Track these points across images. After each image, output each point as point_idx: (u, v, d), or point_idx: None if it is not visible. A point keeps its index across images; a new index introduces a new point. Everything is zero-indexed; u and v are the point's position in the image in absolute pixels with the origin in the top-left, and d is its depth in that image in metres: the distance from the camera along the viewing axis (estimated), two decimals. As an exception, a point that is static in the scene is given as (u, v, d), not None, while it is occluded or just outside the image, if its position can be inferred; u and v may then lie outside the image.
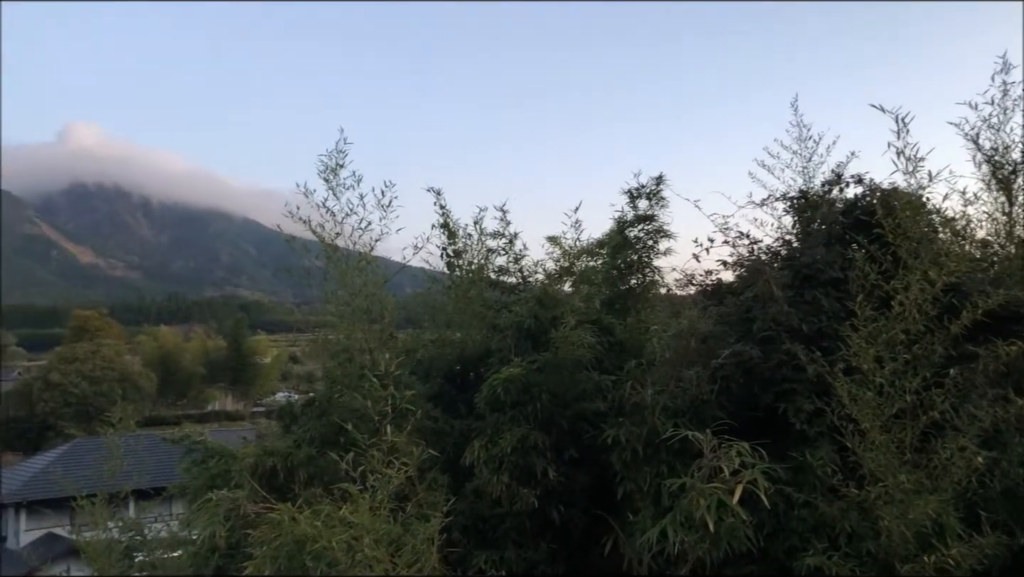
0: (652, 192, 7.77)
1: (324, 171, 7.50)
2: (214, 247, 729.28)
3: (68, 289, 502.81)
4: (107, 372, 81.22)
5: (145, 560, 8.96)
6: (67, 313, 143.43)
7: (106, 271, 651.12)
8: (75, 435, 61.42)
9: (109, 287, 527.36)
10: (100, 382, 79.42)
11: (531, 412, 6.36)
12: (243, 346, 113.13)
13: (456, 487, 6.45)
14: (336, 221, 7.59)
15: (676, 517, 5.22)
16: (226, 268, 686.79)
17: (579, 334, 6.43)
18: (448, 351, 8.10)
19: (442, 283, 8.88)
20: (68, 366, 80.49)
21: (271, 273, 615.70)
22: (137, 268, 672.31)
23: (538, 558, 6.23)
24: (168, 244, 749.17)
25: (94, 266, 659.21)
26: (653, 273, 7.95)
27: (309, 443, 7.61)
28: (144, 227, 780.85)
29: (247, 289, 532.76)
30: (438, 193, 8.58)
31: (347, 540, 5.10)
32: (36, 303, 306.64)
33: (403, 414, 6.41)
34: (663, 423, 5.83)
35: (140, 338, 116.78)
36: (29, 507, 35.44)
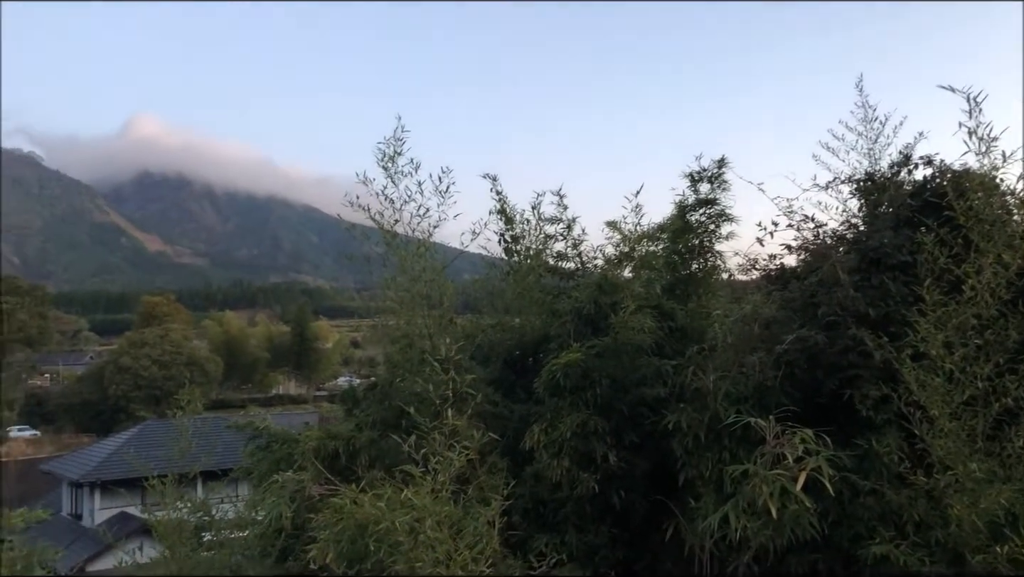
0: (714, 175, 7.65)
1: (382, 159, 7.55)
2: (277, 234, 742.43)
3: (137, 276, 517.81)
4: (175, 356, 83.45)
5: (213, 539, 9.18)
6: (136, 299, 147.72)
7: (173, 258, 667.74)
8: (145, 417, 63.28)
9: (176, 274, 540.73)
10: (169, 366, 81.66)
11: (591, 397, 6.35)
12: (306, 331, 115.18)
13: (516, 471, 6.48)
14: (395, 208, 7.65)
15: (738, 503, 5.18)
16: (289, 255, 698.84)
17: (639, 319, 6.40)
18: (507, 336, 8.13)
19: (500, 269, 8.90)
20: (138, 350, 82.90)
21: (332, 260, 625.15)
22: (203, 255, 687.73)
23: (599, 542, 6.24)
24: (233, 232, 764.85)
25: (162, 253, 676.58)
26: (715, 258, 7.85)
27: (371, 426, 7.73)
28: (210, 215, 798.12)
29: (309, 276, 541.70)
30: (495, 179, 8.60)
31: (409, 522, 5.16)
32: (107, 289, 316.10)
33: (463, 398, 6.46)
34: (725, 409, 5.78)
35: (206, 323, 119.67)
36: (103, 487, 36.66)
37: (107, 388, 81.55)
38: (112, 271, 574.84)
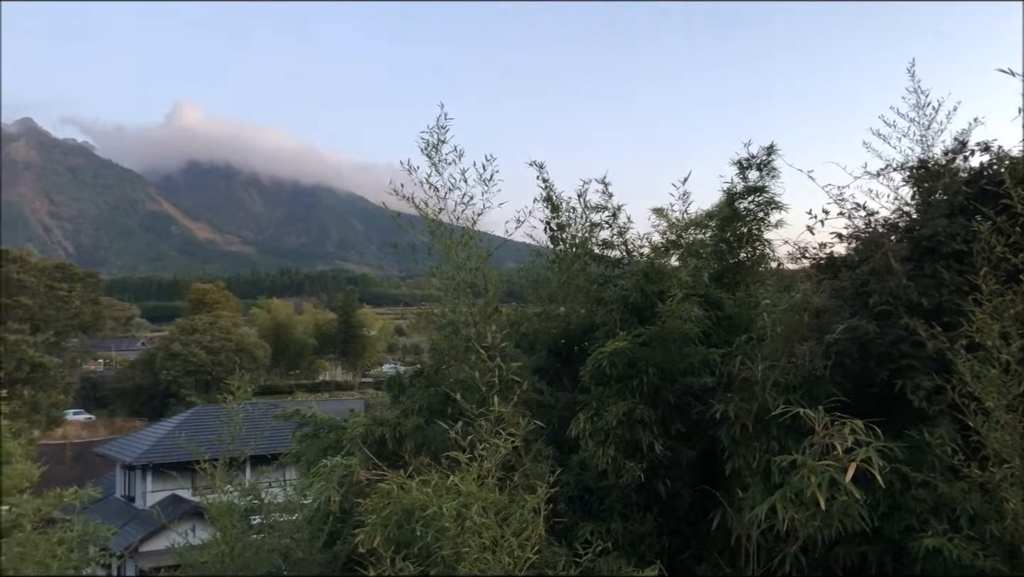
0: (763, 163, 7.56)
1: (426, 147, 7.57)
2: (324, 222, 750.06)
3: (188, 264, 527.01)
4: (224, 343, 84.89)
5: (263, 522, 9.35)
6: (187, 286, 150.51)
7: (223, 246, 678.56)
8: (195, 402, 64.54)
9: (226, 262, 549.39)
10: (218, 352, 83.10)
11: (637, 386, 6.32)
12: (352, 319, 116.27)
13: (561, 459, 6.49)
14: (439, 196, 7.67)
15: (786, 494, 5.12)
16: (335, 243, 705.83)
17: (686, 308, 6.35)
18: (552, 325, 8.12)
19: (546, 257, 8.88)
20: (188, 337, 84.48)
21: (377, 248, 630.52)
22: (252, 243, 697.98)
23: (644, 531, 6.23)
24: (281, 220, 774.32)
25: (211, 241, 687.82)
26: (764, 246, 7.75)
27: (417, 413, 7.79)
28: (258, 204, 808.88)
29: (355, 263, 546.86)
30: (540, 167, 8.57)
31: (456, 508, 5.20)
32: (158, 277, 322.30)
33: (509, 386, 6.47)
34: (774, 399, 5.72)
35: (255, 311, 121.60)
36: (154, 470, 37.45)
37: (158, 373, 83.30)
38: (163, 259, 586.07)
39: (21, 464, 10.76)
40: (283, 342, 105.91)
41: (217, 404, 45.50)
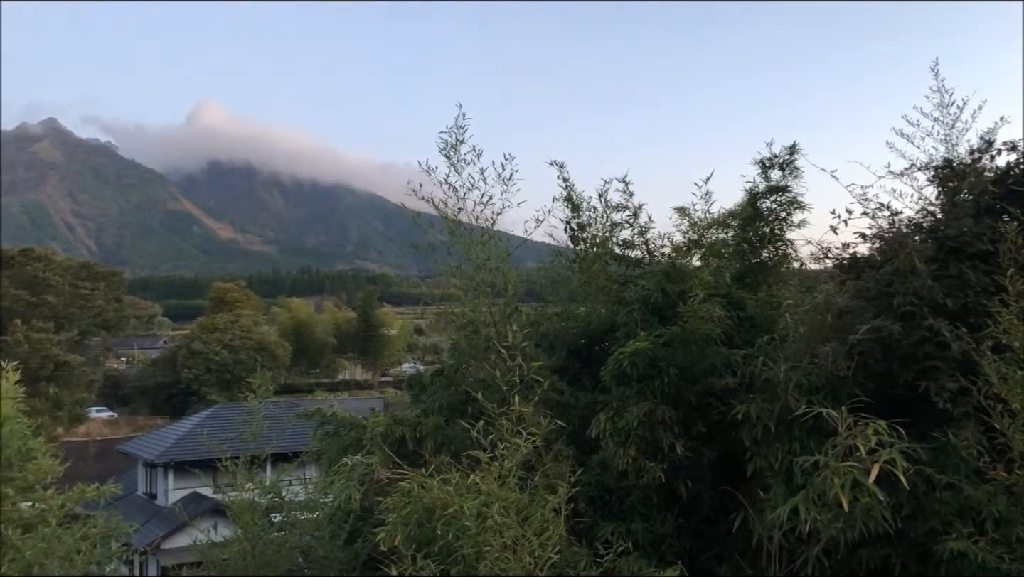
0: (785, 162, 7.50)
1: (445, 147, 7.58)
2: (344, 222, 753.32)
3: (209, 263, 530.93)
4: (245, 341, 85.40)
5: (283, 520, 9.39)
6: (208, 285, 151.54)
7: (244, 245, 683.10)
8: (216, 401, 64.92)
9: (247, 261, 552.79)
10: (239, 351, 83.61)
11: (658, 386, 6.30)
12: (371, 318, 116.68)
13: (582, 459, 6.48)
14: (458, 196, 7.67)
15: (808, 495, 5.09)
16: (355, 243, 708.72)
17: (708, 308, 6.32)
18: (572, 325, 8.11)
19: (566, 257, 8.87)
20: (209, 335, 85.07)
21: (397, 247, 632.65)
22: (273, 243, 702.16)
23: (665, 531, 6.21)
24: (302, 220, 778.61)
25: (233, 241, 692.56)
26: (786, 246, 7.70)
27: (437, 412, 7.81)
28: (279, 203, 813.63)
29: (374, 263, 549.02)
30: (561, 166, 8.55)
31: (477, 507, 5.21)
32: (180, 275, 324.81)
33: (530, 385, 6.47)
34: (796, 399, 5.69)
35: (275, 310, 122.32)
36: (176, 467, 37.70)
37: (180, 372, 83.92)
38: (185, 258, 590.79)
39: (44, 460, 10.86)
40: (303, 341, 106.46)
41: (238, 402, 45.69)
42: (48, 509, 10.23)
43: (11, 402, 10.22)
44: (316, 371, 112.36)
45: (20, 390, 10.55)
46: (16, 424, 10.37)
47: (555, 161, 8.50)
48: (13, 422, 10.27)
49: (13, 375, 10.56)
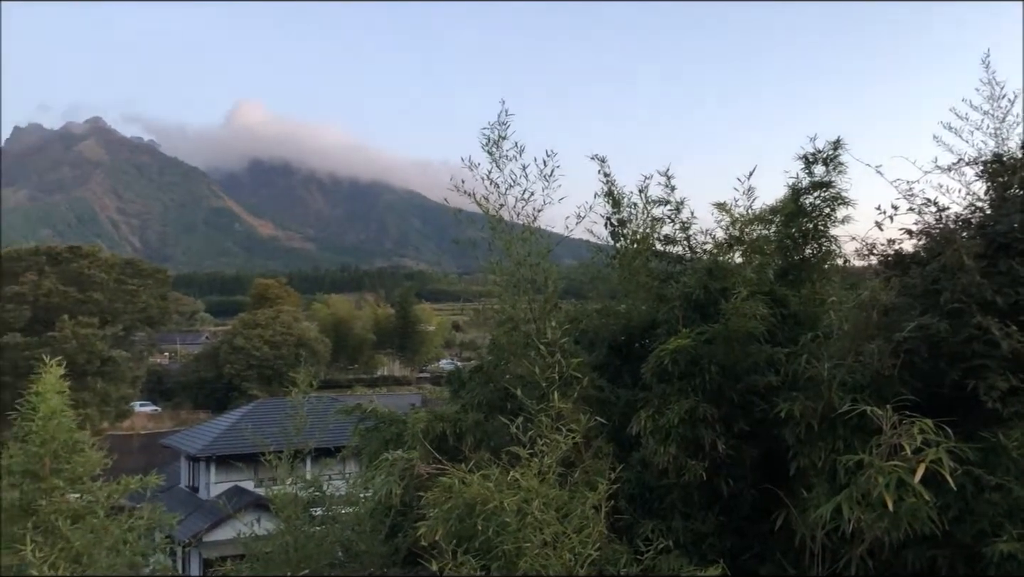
0: (829, 157, 7.40)
1: (487, 143, 7.59)
2: (383, 219, 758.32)
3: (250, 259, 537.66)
4: (286, 337, 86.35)
5: (325, 514, 9.49)
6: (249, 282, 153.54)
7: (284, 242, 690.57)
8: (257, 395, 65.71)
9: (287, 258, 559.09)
10: (279, 346, 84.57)
11: (699, 384, 6.26)
12: (409, 314, 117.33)
13: (622, 456, 6.46)
14: (499, 192, 7.69)
15: (852, 494, 5.04)
16: (394, 240, 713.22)
17: (751, 305, 6.26)
18: (613, 321, 8.08)
19: (606, 253, 8.84)
20: (251, 331, 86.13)
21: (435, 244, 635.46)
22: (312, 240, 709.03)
23: (706, 530, 6.17)
24: (341, 217, 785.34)
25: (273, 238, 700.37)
26: (830, 242, 7.59)
27: (476, 408, 7.83)
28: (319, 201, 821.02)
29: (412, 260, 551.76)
30: (602, 161, 8.51)
31: (517, 503, 5.22)
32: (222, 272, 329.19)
33: (569, 382, 6.47)
34: (840, 398, 5.62)
35: (315, 306, 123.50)
36: (218, 461, 38.24)
37: (222, 367, 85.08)
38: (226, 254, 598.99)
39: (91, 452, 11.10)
40: (343, 337, 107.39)
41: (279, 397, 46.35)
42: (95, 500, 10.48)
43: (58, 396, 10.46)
44: (355, 367, 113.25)
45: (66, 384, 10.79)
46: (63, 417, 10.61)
47: (596, 155, 8.47)
48: (61, 415, 10.51)
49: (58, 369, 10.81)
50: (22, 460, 10.76)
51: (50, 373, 10.92)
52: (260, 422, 31.91)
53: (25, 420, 10.89)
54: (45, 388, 10.78)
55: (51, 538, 9.63)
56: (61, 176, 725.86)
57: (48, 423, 10.62)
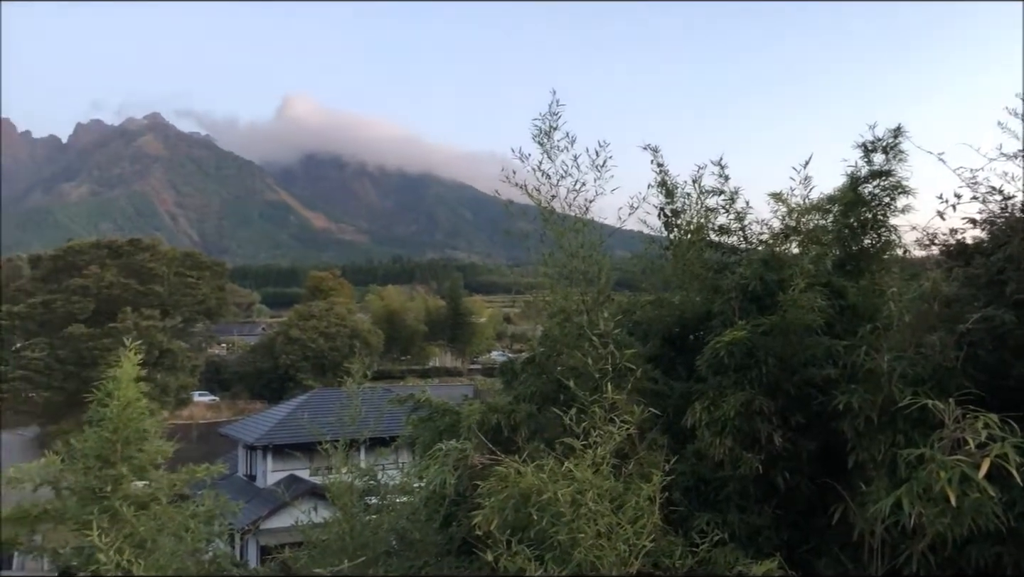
0: (889, 145, 7.25)
1: (538, 134, 7.58)
2: (434, 212, 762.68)
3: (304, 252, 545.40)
4: (340, 328, 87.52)
5: (380, 503, 9.62)
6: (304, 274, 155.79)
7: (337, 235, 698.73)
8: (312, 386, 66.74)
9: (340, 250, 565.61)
10: (334, 338, 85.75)
11: (755, 376, 6.19)
12: (460, 306, 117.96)
13: (677, 448, 6.42)
14: (551, 184, 7.68)
15: (913, 489, 4.94)
16: (445, 231, 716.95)
17: (809, 297, 6.16)
18: (667, 313, 8.03)
19: (659, 244, 8.77)
20: (306, 323, 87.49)
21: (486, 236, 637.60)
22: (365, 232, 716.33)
23: (762, 523, 6.11)
24: (392, 210, 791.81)
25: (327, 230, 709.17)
26: (889, 232, 7.43)
27: (529, 399, 7.84)
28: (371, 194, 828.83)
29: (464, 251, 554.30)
30: (655, 150, 8.44)
31: (571, 494, 5.23)
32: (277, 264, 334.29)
33: (622, 373, 6.46)
34: (900, 390, 5.51)
35: (368, 298, 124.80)
36: (274, 450, 38.91)
37: (277, 357, 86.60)
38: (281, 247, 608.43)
39: (157, 441, 11.40)
40: (395, 328, 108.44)
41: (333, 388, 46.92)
42: (159, 488, 10.77)
43: (133, 385, 10.75)
44: (407, 358, 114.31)
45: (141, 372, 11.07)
46: (137, 405, 10.90)
47: (649, 145, 8.41)
48: (135, 404, 10.80)
49: (135, 356, 11.10)
50: (95, 445, 11.09)
51: (127, 361, 11.20)
52: (315, 412, 32.41)
53: (100, 406, 11.21)
54: (122, 376, 11.06)
55: (117, 523, 9.92)
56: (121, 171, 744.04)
57: (123, 411, 10.91)
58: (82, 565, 11.16)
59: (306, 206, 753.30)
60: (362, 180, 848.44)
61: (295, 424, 37.15)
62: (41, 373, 67.70)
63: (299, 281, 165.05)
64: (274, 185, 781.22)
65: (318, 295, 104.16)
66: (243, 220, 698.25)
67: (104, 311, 69.31)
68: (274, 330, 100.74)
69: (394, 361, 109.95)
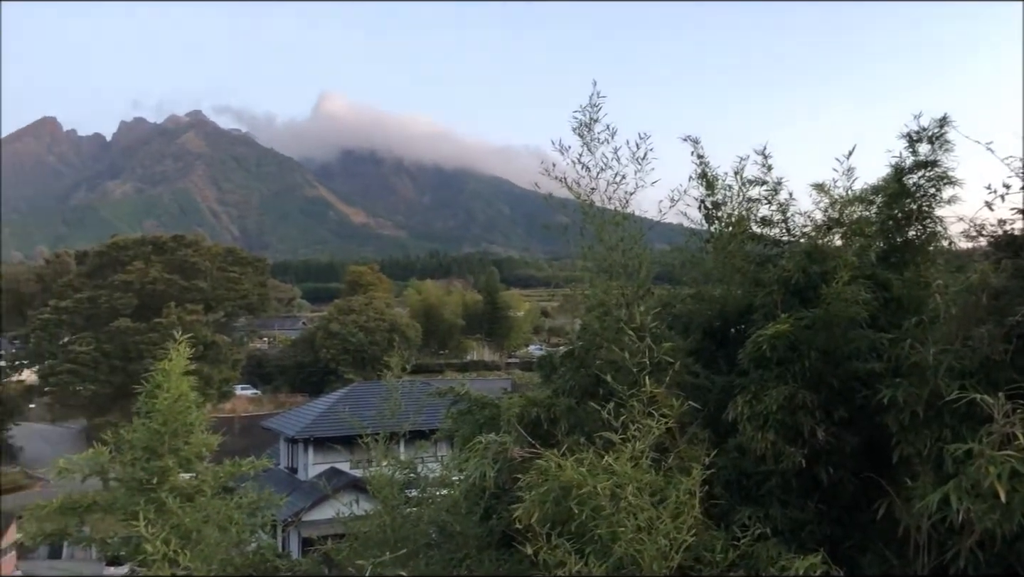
0: (934, 135, 7.12)
1: (578, 126, 7.56)
2: (470, 206, 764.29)
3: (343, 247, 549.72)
4: (379, 323, 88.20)
5: (420, 496, 9.67)
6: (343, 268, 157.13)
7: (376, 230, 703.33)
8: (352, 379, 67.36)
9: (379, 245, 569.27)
10: (373, 332, 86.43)
11: (798, 370, 6.12)
12: (497, 300, 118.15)
13: (718, 442, 6.38)
14: (591, 176, 7.65)
15: (961, 484, 4.86)
16: (482, 226, 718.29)
17: (853, 290, 6.08)
18: (707, 306, 7.97)
19: (700, 237, 8.71)
20: (345, 317, 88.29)
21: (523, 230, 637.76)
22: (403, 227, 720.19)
23: (805, 518, 6.05)
24: (429, 205, 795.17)
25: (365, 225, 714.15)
26: (935, 224, 7.31)
27: (567, 393, 7.83)
28: (408, 189, 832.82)
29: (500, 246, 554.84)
30: (696, 142, 8.37)
31: (611, 488, 5.22)
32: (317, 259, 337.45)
33: (662, 367, 6.42)
34: (947, 384, 5.42)
35: (407, 292, 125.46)
36: (315, 443, 39.34)
37: (318, 351, 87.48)
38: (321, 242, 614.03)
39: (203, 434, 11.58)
40: (433, 322, 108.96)
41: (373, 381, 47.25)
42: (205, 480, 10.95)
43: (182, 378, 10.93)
44: (445, 352, 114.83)
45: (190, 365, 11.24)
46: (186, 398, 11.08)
47: (689, 136, 8.34)
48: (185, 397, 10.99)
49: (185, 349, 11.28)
50: (144, 436, 11.30)
51: (177, 355, 11.40)
52: (355, 405, 32.71)
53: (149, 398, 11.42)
54: (172, 369, 11.25)
55: (163, 515, 10.11)
56: (164, 168, 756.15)
57: (173, 403, 11.09)
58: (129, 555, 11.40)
59: (345, 202, 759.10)
60: (399, 175, 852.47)
61: (335, 417, 37.50)
62: (88, 367, 69.18)
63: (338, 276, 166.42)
64: (313, 181, 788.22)
65: (357, 290, 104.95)
66: (283, 216, 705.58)
67: (149, 306, 70.60)
68: (314, 324, 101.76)
69: (432, 355, 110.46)
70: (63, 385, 71.18)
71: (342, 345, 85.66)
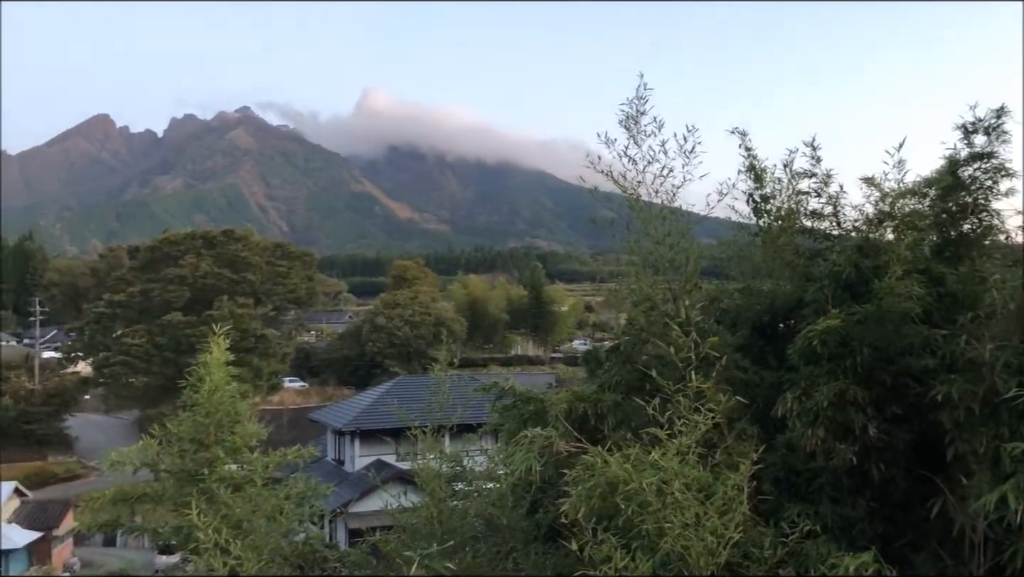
0: (991, 126, 6.93)
1: (625, 119, 7.50)
2: (514, 200, 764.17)
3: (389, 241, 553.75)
4: (424, 317, 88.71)
5: (466, 489, 9.73)
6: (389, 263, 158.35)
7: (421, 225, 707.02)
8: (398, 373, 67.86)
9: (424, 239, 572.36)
10: (418, 326, 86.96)
11: (849, 366, 6.01)
12: (541, 294, 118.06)
13: (767, 438, 6.30)
14: (637, 170, 7.60)
15: (1019, 483, 4.77)
16: (526, 220, 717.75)
17: (906, 284, 5.95)
18: (756, 301, 7.86)
19: (748, 231, 8.60)
20: (391, 311, 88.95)
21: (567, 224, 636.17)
22: (447, 222, 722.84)
23: (856, 516, 5.95)
24: (473, 199, 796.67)
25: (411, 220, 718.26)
26: (991, 217, 7.12)
27: (613, 388, 7.80)
28: (452, 184, 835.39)
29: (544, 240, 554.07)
30: (744, 134, 8.25)
31: (657, 483, 5.20)
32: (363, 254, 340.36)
33: (709, 362, 6.36)
34: (1004, 381, 5.30)
35: (451, 287, 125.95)
36: (362, 435, 39.72)
37: (364, 345, 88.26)
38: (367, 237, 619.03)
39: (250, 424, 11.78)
40: (478, 317, 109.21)
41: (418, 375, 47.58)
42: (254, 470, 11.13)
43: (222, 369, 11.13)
44: (490, 346, 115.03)
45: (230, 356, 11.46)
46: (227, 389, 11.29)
47: (737, 128, 8.23)
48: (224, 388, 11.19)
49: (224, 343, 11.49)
50: (190, 428, 11.55)
51: (216, 347, 11.64)
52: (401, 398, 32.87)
53: (192, 390, 11.68)
54: (212, 361, 11.49)
55: (213, 504, 10.30)
56: (214, 164, 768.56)
57: (213, 395, 11.33)
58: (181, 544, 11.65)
59: (390, 197, 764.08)
60: (443, 170, 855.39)
61: (382, 410, 37.86)
62: (141, 359, 70.67)
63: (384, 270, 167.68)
64: (359, 176, 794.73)
65: (403, 284, 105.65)
66: (330, 211, 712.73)
67: (200, 299, 71.87)
68: (361, 318, 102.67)
69: (477, 349, 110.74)
70: (116, 377, 72.87)
71: (388, 339, 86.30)
